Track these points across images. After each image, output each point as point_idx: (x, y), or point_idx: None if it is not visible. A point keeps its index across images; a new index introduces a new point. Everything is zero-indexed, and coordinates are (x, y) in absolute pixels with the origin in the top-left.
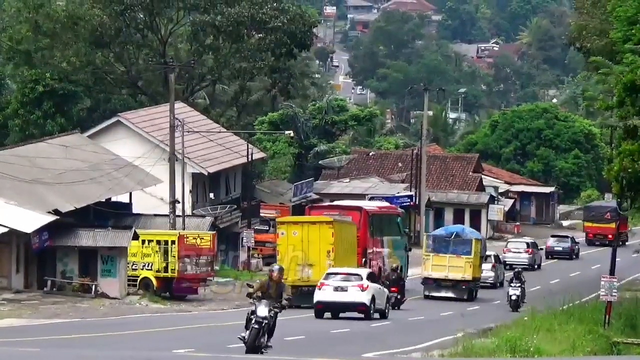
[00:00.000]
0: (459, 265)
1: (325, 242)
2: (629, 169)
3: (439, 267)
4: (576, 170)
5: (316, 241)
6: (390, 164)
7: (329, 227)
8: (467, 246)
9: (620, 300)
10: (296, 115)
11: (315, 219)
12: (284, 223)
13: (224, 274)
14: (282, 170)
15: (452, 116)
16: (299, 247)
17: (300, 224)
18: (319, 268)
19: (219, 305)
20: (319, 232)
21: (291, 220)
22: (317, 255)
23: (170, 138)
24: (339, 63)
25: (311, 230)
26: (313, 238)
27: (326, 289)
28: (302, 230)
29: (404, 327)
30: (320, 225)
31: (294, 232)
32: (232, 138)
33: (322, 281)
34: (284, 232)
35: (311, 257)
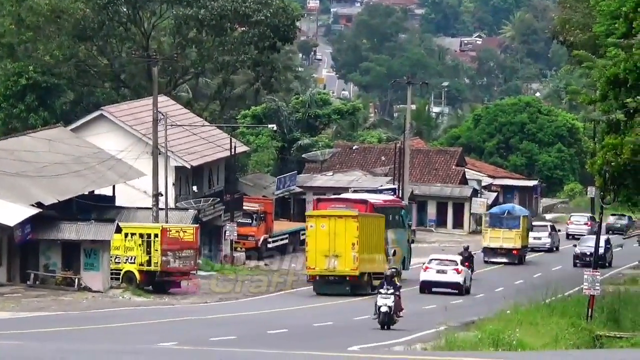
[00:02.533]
0: (510, 237)
1: (351, 235)
2: (612, 162)
3: (495, 239)
4: (559, 163)
5: (342, 234)
6: (374, 157)
7: (354, 220)
8: (516, 221)
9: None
10: (279, 108)
11: (342, 213)
12: (313, 216)
13: (207, 267)
14: (265, 164)
15: (435, 110)
16: (326, 239)
17: (328, 218)
18: (345, 259)
19: (201, 298)
20: (345, 226)
21: (320, 214)
22: (343, 247)
23: (153, 131)
24: (322, 56)
25: (338, 224)
26: (339, 231)
27: (430, 271)
28: (330, 224)
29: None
30: (347, 219)
31: (322, 225)
32: (215, 131)
33: (427, 265)
34: (313, 225)
35: (337, 249)
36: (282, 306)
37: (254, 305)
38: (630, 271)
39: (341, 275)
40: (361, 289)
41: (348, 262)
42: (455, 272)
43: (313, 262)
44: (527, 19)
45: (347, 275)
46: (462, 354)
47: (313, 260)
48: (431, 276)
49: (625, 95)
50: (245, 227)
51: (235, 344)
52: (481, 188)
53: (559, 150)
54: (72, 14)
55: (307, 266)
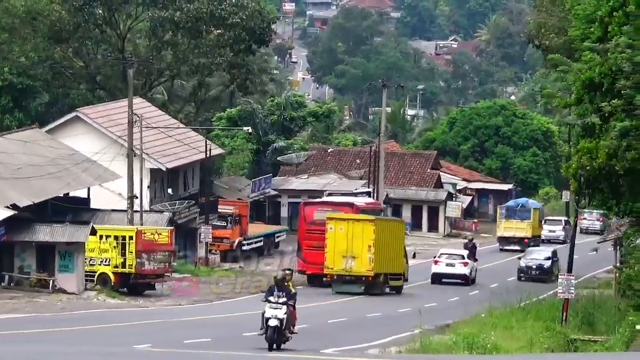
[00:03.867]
0: (522, 227)
1: (367, 237)
2: (587, 166)
3: (508, 229)
4: (534, 167)
5: (359, 236)
6: (349, 160)
7: (371, 224)
8: (528, 213)
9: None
10: (254, 111)
11: (360, 217)
12: (332, 219)
13: (182, 269)
14: (240, 166)
15: (410, 113)
16: (344, 240)
17: (346, 221)
18: (361, 260)
19: (176, 301)
20: (362, 229)
21: (338, 217)
22: (359, 249)
23: (128, 133)
24: (297, 59)
25: (355, 227)
26: (357, 233)
27: (440, 264)
28: (348, 226)
29: (360, 323)
30: (364, 222)
31: (341, 228)
32: (191, 134)
33: (437, 259)
34: (332, 227)
35: (354, 250)
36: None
37: (229, 308)
38: (605, 275)
39: (357, 275)
40: (376, 289)
41: (364, 263)
42: (463, 265)
43: (331, 262)
44: (503, 22)
45: (362, 276)
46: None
47: (331, 261)
48: (441, 269)
49: (600, 99)
50: (220, 230)
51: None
52: (456, 192)
53: (534, 154)
54: (47, 16)
55: (325, 266)
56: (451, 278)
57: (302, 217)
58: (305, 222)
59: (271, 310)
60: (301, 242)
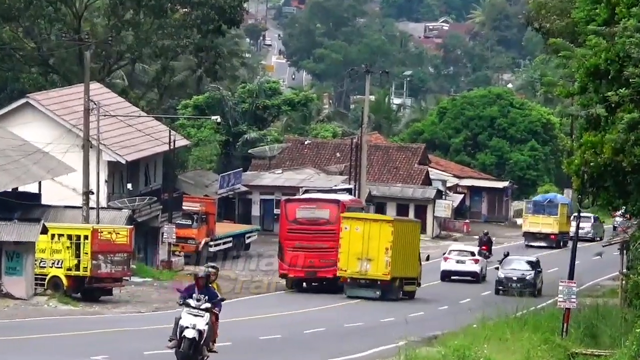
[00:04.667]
0: (549, 223)
1: (385, 240)
2: (591, 162)
3: (535, 224)
4: (532, 163)
5: (376, 238)
6: (328, 153)
7: (388, 225)
8: (556, 209)
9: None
10: (224, 98)
11: (377, 217)
12: (348, 219)
13: (142, 273)
14: (208, 160)
15: (396, 102)
16: (359, 242)
17: (363, 221)
18: (377, 263)
19: (135, 307)
20: (380, 230)
21: (355, 217)
22: (376, 251)
23: (84, 122)
24: (271, 42)
25: (372, 227)
26: (374, 235)
27: (450, 261)
28: (364, 227)
29: (340, 333)
30: (381, 223)
31: (357, 228)
32: (153, 123)
33: (446, 255)
34: (348, 227)
35: (371, 252)
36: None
37: None
38: (610, 282)
39: (373, 279)
40: (392, 295)
41: (380, 266)
42: (473, 262)
43: (345, 264)
44: (499, 3)
45: (378, 280)
46: None
47: (345, 262)
48: (451, 266)
49: (606, 88)
50: (185, 229)
51: (172, 357)
52: (446, 189)
53: (533, 148)
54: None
55: (338, 267)
56: (461, 275)
57: (284, 215)
58: (287, 221)
59: (189, 318)
60: (282, 243)
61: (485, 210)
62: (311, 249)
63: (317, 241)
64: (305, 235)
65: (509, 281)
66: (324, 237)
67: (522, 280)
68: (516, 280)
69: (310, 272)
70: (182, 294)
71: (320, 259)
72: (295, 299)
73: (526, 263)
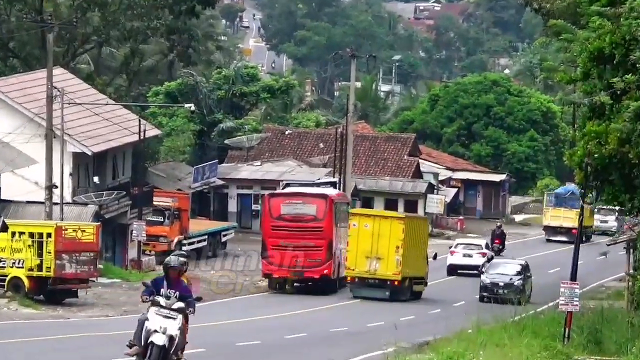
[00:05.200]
0: (570, 217)
1: (395, 238)
2: (595, 154)
3: (556, 218)
4: (532, 154)
5: (386, 235)
6: (310, 144)
7: (399, 222)
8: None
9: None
10: (198, 85)
11: (388, 213)
12: (356, 215)
13: (110, 273)
14: (181, 151)
15: (384, 89)
16: (369, 240)
17: (373, 217)
18: (387, 262)
19: (102, 311)
20: (390, 227)
21: (364, 213)
22: (386, 250)
23: (47, 110)
24: (249, 23)
25: (382, 225)
26: (384, 232)
27: (456, 255)
28: (374, 224)
29: (323, 338)
30: (392, 220)
31: (366, 225)
32: (122, 112)
33: (453, 249)
34: (356, 224)
35: (380, 251)
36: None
37: None
38: (615, 284)
39: (382, 279)
40: (402, 295)
41: (391, 265)
42: (481, 256)
43: (353, 262)
44: None
45: (388, 280)
46: None
47: (353, 261)
48: (457, 260)
49: (611, 74)
50: (156, 227)
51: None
52: (438, 183)
53: (532, 138)
54: None
55: (346, 267)
56: (468, 269)
57: (267, 210)
58: (270, 217)
59: (158, 320)
60: (266, 240)
61: (481, 206)
62: (297, 248)
63: (303, 239)
64: (291, 233)
65: (495, 287)
66: (311, 235)
67: (509, 286)
68: (503, 286)
69: (296, 272)
70: (148, 288)
71: (306, 258)
72: (277, 301)
73: (514, 267)
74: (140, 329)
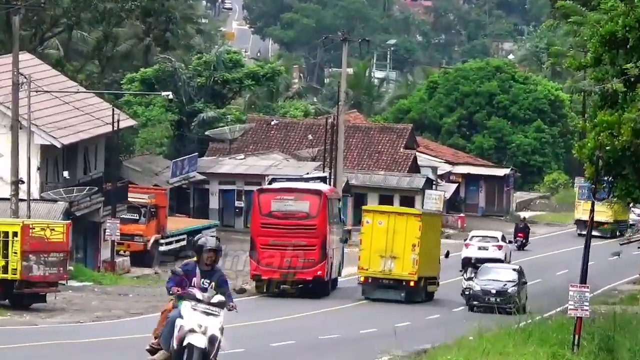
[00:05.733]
0: (603, 210)
1: (412, 235)
2: (607, 146)
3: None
4: (538, 147)
5: (402, 233)
6: (298, 136)
7: (416, 219)
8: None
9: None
10: (176, 71)
11: (404, 210)
12: (370, 211)
13: (81, 276)
14: (158, 143)
15: (378, 75)
16: (383, 237)
17: (387, 214)
18: (403, 262)
19: (73, 317)
20: (406, 224)
21: (378, 210)
22: (401, 248)
23: (13, 99)
24: (232, 5)
25: (398, 221)
26: (399, 229)
27: (471, 247)
28: (389, 221)
29: (312, 347)
30: (408, 217)
31: (380, 222)
32: (94, 100)
33: (468, 242)
34: (370, 221)
35: (395, 250)
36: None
37: (141, 326)
38: (629, 287)
39: (398, 279)
40: (417, 296)
41: (407, 265)
42: (497, 249)
43: (367, 262)
44: None
45: (404, 280)
46: None
47: (367, 260)
48: (472, 252)
49: (624, 59)
50: (131, 225)
51: None
52: (437, 177)
53: (538, 129)
54: None
55: (359, 266)
56: (484, 263)
57: (257, 207)
58: (260, 214)
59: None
60: (255, 239)
61: (483, 203)
62: (288, 247)
63: (295, 238)
64: (282, 231)
65: (487, 295)
66: (303, 233)
67: (502, 293)
68: (495, 293)
69: (288, 274)
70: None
71: (299, 259)
72: (266, 304)
73: (507, 272)
74: (169, 329)
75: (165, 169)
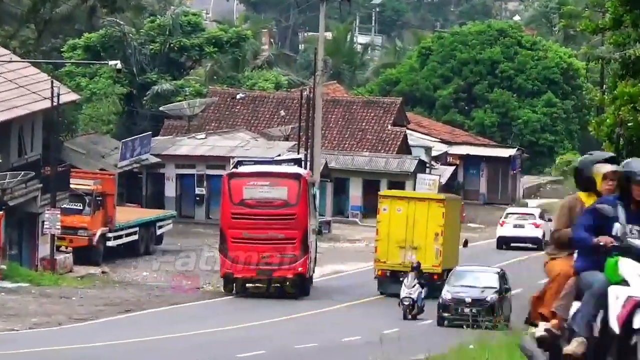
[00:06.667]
0: None
1: (434, 223)
2: (628, 122)
3: None
4: (549, 123)
5: (423, 221)
6: (268, 111)
7: (439, 205)
8: None
9: None
10: (125, 37)
11: (424, 195)
12: (387, 197)
13: (16, 276)
14: (104, 120)
15: (361, 41)
16: (403, 226)
17: (407, 200)
18: (424, 252)
19: (7, 323)
20: (428, 211)
21: (395, 195)
22: (423, 238)
23: None
24: None
25: (418, 208)
26: (420, 217)
27: (506, 226)
28: (408, 207)
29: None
30: (430, 202)
31: (398, 209)
32: (29, 71)
33: (503, 220)
34: (387, 208)
35: (416, 239)
36: (128, 336)
37: (84, 335)
38: None
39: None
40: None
41: (429, 256)
42: (534, 227)
43: (384, 254)
44: None
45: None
46: None
47: (384, 252)
48: (508, 231)
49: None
50: (74, 216)
51: None
52: (431, 159)
53: (549, 103)
54: None
55: (376, 259)
56: (520, 242)
57: (227, 194)
58: (230, 203)
59: None
60: (225, 232)
61: (485, 188)
62: (264, 241)
63: (271, 230)
64: (256, 222)
65: (459, 304)
66: (281, 225)
67: (479, 302)
68: (470, 303)
69: (264, 271)
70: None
71: (276, 254)
72: (236, 308)
73: (486, 276)
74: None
75: (114, 151)
